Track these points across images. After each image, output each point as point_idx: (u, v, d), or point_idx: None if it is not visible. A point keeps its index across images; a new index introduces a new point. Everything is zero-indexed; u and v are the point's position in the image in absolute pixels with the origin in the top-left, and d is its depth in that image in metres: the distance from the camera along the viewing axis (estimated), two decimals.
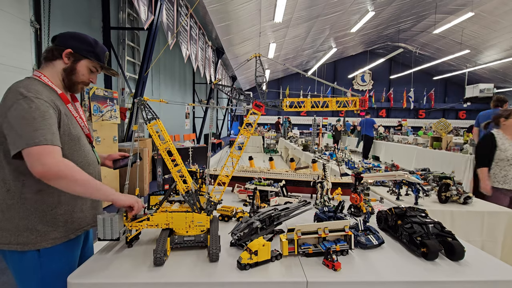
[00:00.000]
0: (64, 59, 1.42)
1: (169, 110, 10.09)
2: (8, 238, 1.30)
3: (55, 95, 1.38)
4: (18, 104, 1.22)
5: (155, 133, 1.47)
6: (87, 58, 1.46)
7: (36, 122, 1.21)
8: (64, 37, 1.45)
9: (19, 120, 1.21)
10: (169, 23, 6.57)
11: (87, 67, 1.48)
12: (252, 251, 1.27)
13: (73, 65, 1.44)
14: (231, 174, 1.56)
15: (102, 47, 1.55)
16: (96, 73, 1.56)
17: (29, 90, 1.26)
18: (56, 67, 1.43)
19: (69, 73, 1.44)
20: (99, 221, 1.34)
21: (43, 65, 1.44)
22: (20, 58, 3.79)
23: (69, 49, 1.41)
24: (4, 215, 1.31)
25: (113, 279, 1.20)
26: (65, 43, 1.43)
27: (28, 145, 1.18)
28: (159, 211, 1.48)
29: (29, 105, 1.22)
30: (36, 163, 1.19)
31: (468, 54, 17.29)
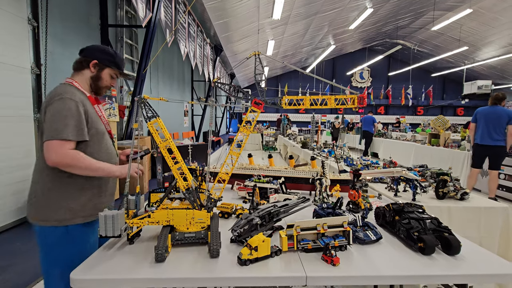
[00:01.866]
0: (91, 69, 1.71)
1: (168, 108, 10.08)
2: (47, 215, 1.56)
3: (84, 97, 1.65)
4: (55, 103, 1.49)
5: (155, 131, 1.49)
6: (109, 67, 1.75)
7: (67, 119, 1.48)
8: (90, 50, 1.74)
9: (52, 117, 1.48)
10: (167, 21, 6.55)
11: (109, 74, 1.77)
12: (252, 247, 1.29)
13: (98, 73, 1.73)
14: (231, 172, 1.57)
15: (120, 57, 1.84)
16: (116, 79, 1.85)
17: (66, 92, 1.54)
18: (85, 75, 1.71)
19: (96, 80, 1.73)
20: (100, 218, 1.35)
21: (73, 74, 1.72)
22: (18, 56, 3.78)
23: (95, 60, 1.70)
24: (44, 196, 1.57)
25: (115, 275, 1.22)
26: (91, 55, 1.71)
27: (52, 137, 1.45)
28: (159, 208, 1.49)
29: (64, 104, 1.50)
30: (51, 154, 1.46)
31: (467, 51, 17.31)
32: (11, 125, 3.70)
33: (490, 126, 4.91)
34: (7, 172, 3.64)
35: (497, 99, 5.01)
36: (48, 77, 4.21)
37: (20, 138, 3.84)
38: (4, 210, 3.62)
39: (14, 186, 3.75)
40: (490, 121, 4.92)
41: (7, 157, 3.65)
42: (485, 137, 4.97)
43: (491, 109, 5.01)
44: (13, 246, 3.23)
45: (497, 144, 4.87)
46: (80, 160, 1.52)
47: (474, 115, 5.26)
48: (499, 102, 4.99)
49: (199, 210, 1.47)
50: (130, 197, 1.49)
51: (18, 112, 3.82)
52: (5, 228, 3.61)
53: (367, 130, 10.95)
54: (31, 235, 3.48)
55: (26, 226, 3.81)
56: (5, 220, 3.62)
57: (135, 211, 1.50)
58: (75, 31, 5.07)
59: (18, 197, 3.80)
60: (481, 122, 5.04)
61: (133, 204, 1.51)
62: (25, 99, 3.91)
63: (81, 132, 1.55)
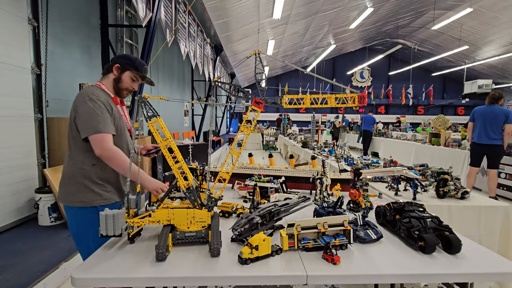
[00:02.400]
0: (114, 72, 1.93)
1: (168, 107, 10.07)
2: (74, 197, 1.79)
3: (109, 98, 1.88)
4: (85, 103, 1.73)
5: (155, 131, 1.49)
6: (129, 69, 1.93)
7: (98, 117, 1.73)
8: (116, 57, 2.02)
9: (86, 115, 1.72)
10: (167, 20, 6.54)
11: (129, 76, 1.95)
12: (253, 246, 1.29)
13: (119, 76, 1.94)
14: (231, 171, 1.58)
15: (141, 62, 2.00)
16: (137, 82, 2.02)
17: (93, 94, 1.77)
18: (109, 78, 1.94)
19: (117, 82, 1.94)
20: (101, 218, 1.35)
21: (102, 77, 1.97)
22: (18, 57, 3.77)
23: (117, 64, 1.93)
24: (71, 180, 1.80)
25: (116, 274, 1.22)
26: (115, 61, 1.96)
27: (95, 132, 1.71)
28: (160, 207, 1.49)
29: (93, 104, 1.73)
30: (97, 147, 1.71)
31: (467, 50, 17.28)
32: (11, 125, 3.70)
33: (487, 125, 4.94)
34: (7, 172, 3.64)
35: (494, 98, 5.03)
36: (48, 77, 4.21)
37: (21, 138, 3.84)
38: (5, 210, 3.62)
39: (14, 186, 3.75)
40: (487, 120, 4.94)
41: (7, 157, 3.65)
42: (482, 136, 5.00)
43: (489, 108, 5.03)
44: (13, 246, 3.23)
45: (494, 143, 4.90)
46: (118, 158, 1.75)
47: (471, 114, 5.29)
48: (496, 101, 5.02)
49: (199, 210, 1.47)
50: (130, 197, 1.50)
51: (19, 112, 3.81)
52: (6, 228, 3.61)
53: (367, 129, 10.99)
54: (31, 235, 3.51)
55: (26, 226, 3.82)
56: (5, 220, 3.62)
57: (135, 211, 1.51)
58: (75, 31, 5.07)
59: (18, 197, 3.80)
60: (479, 121, 5.07)
61: (134, 203, 1.51)
62: (26, 99, 3.91)
63: (110, 127, 1.79)
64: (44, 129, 4.15)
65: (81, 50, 5.29)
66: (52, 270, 2.69)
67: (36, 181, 4.05)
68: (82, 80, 4.82)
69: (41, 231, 3.65)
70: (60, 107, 4.56)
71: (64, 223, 3.84)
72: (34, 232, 3.61)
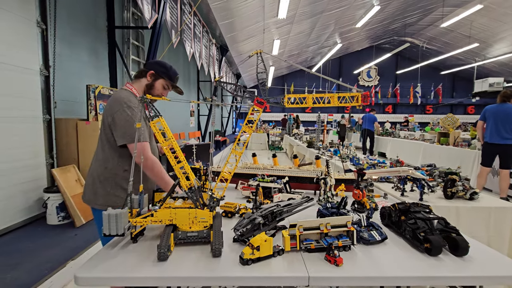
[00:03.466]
0: (148, 78, 1.96)
1: (174, 108, 10.14)
2: (101, 200, 1.83)
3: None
4: (122, 111, 1.76)
5: (158, 131, 1.49)
6: (163, 78, 1.97)
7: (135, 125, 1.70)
8: (151, 63, 2.03)
9: (124, 122, 1.76)
10: (172, 22, 6.59)
11: (162, 84, 1.99)
12: (254, 246, 1.28)
13: (153, 82, 1.97)
14: (233, 171, 1.57)
15: (174, 71, 2.04)
16: (167, 90, 2.06)
17: (130, 101, 1.80)
18: (142, 83, 1.97)
19: (149, 88, 1.97)
20: (104, 217, 1.36)
21: (133, 80, 2.00)
22: (27, 59, 3.85)
23: (152, 71, 1.95)
24: (101, 184, 1.84)
25: (119, 273, 1.23)
26: (150, 67, 1.98)
27: (131, 141, 1.75)
28: (162, 207, 1.49)
29: (131, 112, 1.77)
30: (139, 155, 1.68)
31: (477, 48, 16.93)
32: (21, 126, 3.78)
33: (499, 124, 4.82)
34: (17, 172, 3.72)
35: (505, 96, 4.91)
36: (56, 79, 4.29)
37: (30, 138, 3.92)
38: (14, 209, 3.69)
39: (23, 185, 3.82)
40: (499, 119, 4.82)
41: (17, 158, 3.73)
42: (494, 136, 4.88)
43: (500, 107, 4.90)
44: (22, 245, 3.30)
45: (507, 142, 4.77)
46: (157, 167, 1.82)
47: (482, 113, 5.17)
48: (508, 100, 4.89)
49: (201, 210, 1.47)
50: (133, 196, 1.50)
51: (28, 113, 3.89)
52: (15, 227, 3.69)
53: (368, 128, 10.81)
54: (40, 234, 3.57)
55: (35, 225, 3.89)
56: (15, 219, 3.70)
57: (138, 210, 1.51)
58: (82, 33, 5.15)
59: (27, 197, 3.88)
60: (490, 120, 4.95)
61: (137, 203, 1.52)
62: (34, 100, 3.99)
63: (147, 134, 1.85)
64: (52, 129, 4.23)
65: (88, 52, 5.37)
66: (59, 269, 2.73)
67: (45, 181, 4.13)
68: (90, 81, 4.89)
69: (49, 230, 3.72)
70: (68, 108, 4.64)
71: (71, 222, 3.90)
72: (43, 231, 3.68)
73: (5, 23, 3.53)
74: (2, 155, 3.55)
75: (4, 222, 3.56)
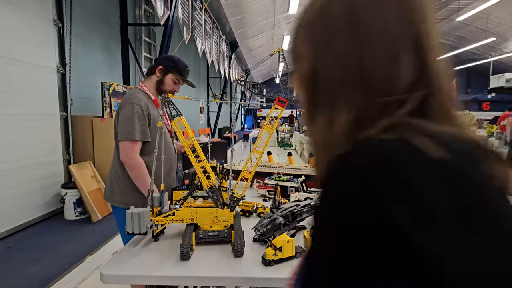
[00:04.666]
0: (157, 74, 1.93)
1: (184, 104, 10.20)
2: (117, 198, 1.86)
3: (150, 101, 1.89)
4: (125, 107, 1.76)
5: (179, 130, 1.49)
6: (171, 72, 1.93)
7: (135, 123, 1.74)
8: (159, 58, 2.01)
9: (124, 119, 1.75)
10: (184, 18, 6.60)
11: (172, 79, 1.95)
12: (277, 247, 1.28)
13: (162, 78, 1.93)
14: (254, 170, 1.56)
15: (184, 64, 2.00)
16: (179, 85, 2.02)
17: (135, 98, 1.79)
18: (152, 80, 1.95)
19: (160, 84, 1.94)
20: (127, 216, 1.38)
21: (146, 78, 1.99)
22: (44, 57, 3.92)
23: (161, 66, 1.92)
24: (117, 181, 1.86)
25: (142, 271, 1.24)
26: (159, 62, 1.95)
27: (127, 138, 1.74)
28: (183, 206, 1.50)
29: (132, 109, 1.75)
30: (124, 153, 1.76)
31: (494, 42, 16.36)
32: (38, 123, 3.86)
33: None
34: (35, 169, 3.81)
35: None
36: (72, 76, 4.36)
37: (47, 135, 4.01)
38: (33, 204, 3.80)
39: (41, 181, 3.92)
40: None
41: (35, 154, 3.82)
42: None
43: None
44: (42, 239, 3.39)
45: None
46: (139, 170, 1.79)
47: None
48: None
49: (222, 209, 1.47)
50: (154, 195, 1.52)
51: (45, 110, 3.98)
52: (34, 222, 3.80)
53: None
54: (58, 229, 3.66)
55: (53, 219, 4.00)
56: (34, 214, 3.80)
57: (159, 209, 1.53)
58: (96, 30, 5.20)
59: (45, 192, 3.98)
60: None
61: (158, 201, 1.54)
62: (51, 98, 4.06)
63: (145, 133, 1.81)
64: (68, 126, 4.31)
65: (102, 50, 5.43)
66: (79, 263, 2.80)
67: (62, 177, 4.22)
68: (104, 79, 4.96)
69: (67, 225, 3.81)
70: (83, 105, 4.72)
71: (87, 218, 3.99)
72: (61, 226, 3.78)
73: (23, 21, 3.59)
74: (21, 152, 3.65)
75: (24, 217, 3.66)
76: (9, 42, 3.44)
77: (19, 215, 3.59)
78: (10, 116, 3.48)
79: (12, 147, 3.52)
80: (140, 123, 1.77)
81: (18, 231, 3.54)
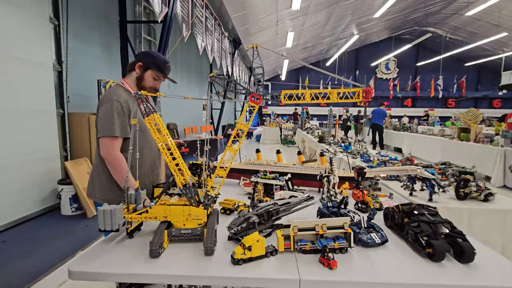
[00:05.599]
0: (136, 70, 1.91)
1: (187, 102, 10.23)
2: (98, 194, 1.88)
3: (131, 97, 1.86)
4: (105, 104, 1.76)
5: (153, 127, 1.48)
6: (151, 68, 1.90)
7: (114, 119, 1.74)
8: (139, 54, 1.99)
9: (103, 116, 1.75)
10: (183, 15, 6.58)
11: (151, 75, 1.93)
12: (246, 246, 1.26)
13: (142, 74, 1.92)
14: (228, 168, 1.54)
15: (164, 59, 1.96)
16: (159, 81, 1.99)
17: (114, 94, 1.78)
18: (132, 76, 1.93)
19: (139, 80, 1.93)
20: (99, 213, 1.38)
21: (127, 75, 1.96)
22: (40, 54, 3.97)
23: (140, 62, 1.90)
24: (97, 178, 1.88)
25: (111, 269, 1.24)
26: (138, 58, 1.93)
27: (107, 134, 1.74)
28: (157, 204, 1.49)
29: (111, 105, 1.74)
30: (104, 150, 1.76)
31: (506, 37, 15.88)
32: (35, 120, 3.92)
33: None
34: (32, 165, 3.88)
35: None
36: (69, 74, 4.40)
37: (44, 132, 4.07)
38: (30, 199, 3.87)
39: (39, 177, 3.99)
40: None
41: (33, 150, 3.88)
42: None
43: None
44: (38, 234, 3.46)
45: None
46: (119, 166, 1.79)
47: None
48: None
49: (196, 207, 1.46)
50: (129, 192, 1.51)
51: (42, 107, 4.03)
52: (31, 217, 3.87)
53: (376, 123, 10.65)
54: (54, 224, 3.72)
55: (50, 215, 4.06)
56: (31, 209, 3.88)
57: (134, 206, 1.52)
58: (94, 28, 5.24)
59: (42, 188, 4.05)
60: None
61: (133, 199, 1.53)
62: (48, 95, 4.12)
63: (125, 129, 1.80)
64: (65, 123, 4.37)
65: (101, 47, 5.46)
66: (69, 258, 2.83)
67: (59, 173, 4.29)
68: (102, 76, 4.99)
69: (63, 220, 3.88)
70: (80, 102, 4.77)
71: (83, 213, 4.05)
72: (57, 221, 3.84)
73: (19, 19, 3.64)
74: (19, 148, 3.71)
75: (21, 212, 3.74)
76: (5, 39, 3.49)
77: (15, 210, 3.67)
78: (6, 113, 3.54)
79: (9, 143, 3.59)
80: (120, 119, 1.76)
81: (14, 226, 3.61)
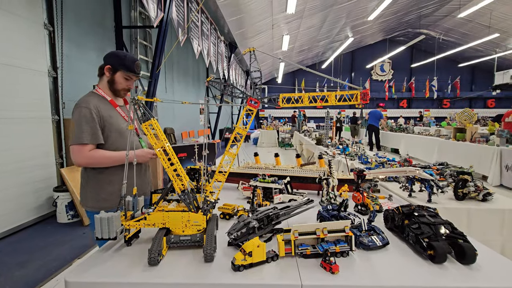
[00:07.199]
0: (106, 74, 1.87)
1: (184, 106, 10.21)
2: (90, 202, 1.87)
3: (104, 102, 1.84)
4: (74, 113, 1.76)
5: (150, 132, 1.46)
6: (120, 70, 1.85)
7: (82, 126, 1.71)
8: (106, 56, 1.90)
9: (73, 125, 1.74)
10: (179, 20, 6.59)
11: (122, 77, 1.88)
12: (246, 252, 1.24)
13: (112, 77, 1.87)
14: (227, 173, 1.53)
15: (131, 58, 1.90)
16: (131, 80, 1.94)
17: (83, 101, 1.76)
18: (104, 80, 1.89)
19: (111, 84, 1.88)
20: (96, 220, 1.35)
21: (99, 80, 1.92)
22: (35, 60, 3.94)
23: (108, 65, 1.85)
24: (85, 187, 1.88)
25: (108, 278, 1.21)
26: (106, 61, 1.88)
27: (73, 143, 1.72)
28: (156, 210, 1.47)
29: (79, 113, 1.73)
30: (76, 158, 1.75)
31: (498, 38, 16.11)
32: (30, 127, 3.88)
33: None
34: (28, 172, 3.83)
35: None
36: (64, 80, 4.37)
37: (39, 139, 4.02)
38: (25, 207, 3.81)
39: (35, 185, 3.94)
40: None
41: (28, 157, 3.83)
42: None
43: None
44: (33, 242, 3.40)
45: None
46: (95, 156, 1.77)
47: None
48: None
49: (195, 213, 1.44)
50: (127, 199, 1.49)
51: (37, 114, 4.00)
52: (27, 225, 3.81)
53: (372, 124, 10.75)
54: (50, 232, 3.66)
55: (46, 223, 4.00)
56: (27, 217, 3.82)
57: (132, 213, 1.50)
58: (90, 33, 5.22)
59: (38, 195, 3.99)
60: None
61: (131, 205, 1.50)
62: (43, 101, 4.08)
63: (96, 136, 1.76)
64: (61, 130, 4.33)
65: (96, 52, 5.44)
66: (66, 267, 2.79)
67: (55, 180, 4.23)
68: (97, 81, 4.94)
69: (59, 228, 3.82)
70: None
71: (80, 221, 3.99)
72: (53, 229, 3.78)
73: (13, 25, 3.61)
74: (14, 155, 3.66)
75: (16, 220, 3.68)
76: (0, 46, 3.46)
77: (11, 218, 3.61)
78: (1, 120, 3.50)
79: (4, 150, 3.54)
80: (88, 126, 1.73)
81: (10, 234, 3.55)
